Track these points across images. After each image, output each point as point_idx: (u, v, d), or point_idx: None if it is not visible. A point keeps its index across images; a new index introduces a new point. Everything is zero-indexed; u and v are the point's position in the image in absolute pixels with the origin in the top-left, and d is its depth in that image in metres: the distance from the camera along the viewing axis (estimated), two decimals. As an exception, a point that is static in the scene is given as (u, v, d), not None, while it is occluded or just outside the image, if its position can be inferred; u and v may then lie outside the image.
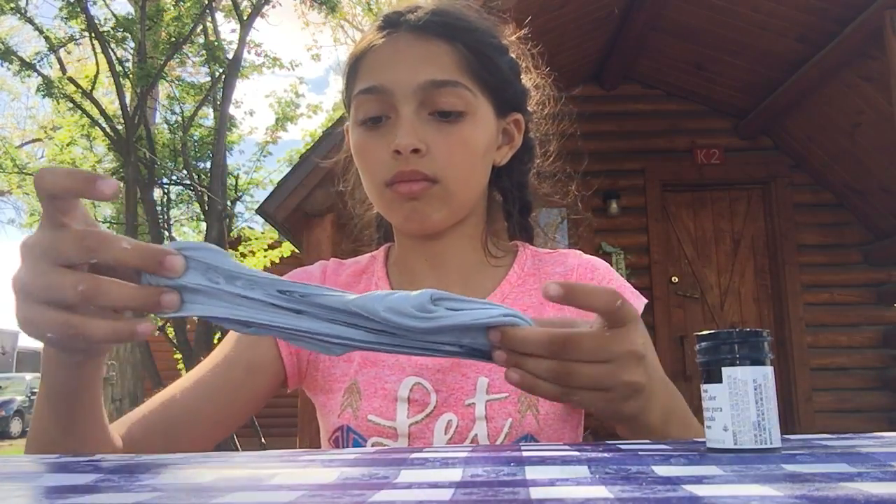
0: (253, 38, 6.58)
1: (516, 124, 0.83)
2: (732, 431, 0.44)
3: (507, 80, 0.80)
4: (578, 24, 4.56)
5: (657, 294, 5.06)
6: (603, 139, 5.18)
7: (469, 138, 0.75)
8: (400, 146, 0.71)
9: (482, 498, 0.29)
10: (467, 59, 0.76)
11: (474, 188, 0.79)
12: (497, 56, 0.79)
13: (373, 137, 0.75)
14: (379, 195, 0.77)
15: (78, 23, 5.61)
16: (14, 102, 33.41)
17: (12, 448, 11.59)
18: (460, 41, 0.76)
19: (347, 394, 0.77)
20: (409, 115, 0.73)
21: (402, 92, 0.73)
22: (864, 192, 4.90)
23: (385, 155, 0.73)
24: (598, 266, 0.84)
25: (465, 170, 0.76)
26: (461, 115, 0.74)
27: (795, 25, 4.19)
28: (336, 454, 0.48)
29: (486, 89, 0.77)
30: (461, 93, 0.74)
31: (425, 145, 0.72)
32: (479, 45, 0.77)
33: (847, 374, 4.97)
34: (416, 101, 0.73)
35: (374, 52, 0.77)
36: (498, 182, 0.85)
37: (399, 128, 0.73)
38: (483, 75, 0.77)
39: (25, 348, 27.72)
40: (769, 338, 0.46)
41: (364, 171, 0.78)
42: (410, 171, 0.72)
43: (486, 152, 0.79)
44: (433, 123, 0.74)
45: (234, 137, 7.31)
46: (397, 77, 0.74)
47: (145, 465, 0.43)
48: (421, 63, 0.74)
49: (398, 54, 0.75)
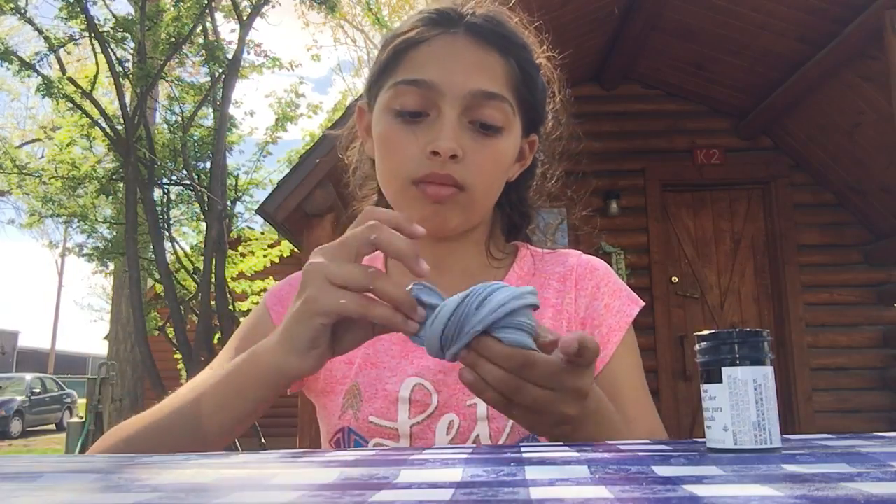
0: (253, 38, 6.58)
1: (531, 145, 0.84)
2: (732, 431, 0.44)
3: (539, 102, 0.82)
4: (578, 23, 4.56)
5: (657, 294, 5.06)
6: (603, 139, 5.18)
7: (501, 153, 0.76)
8: (441, 149, 0.71)
9: (482, 498, 0.29)
10: (516, 76, 0.76)
11: (492, 200, 0.80)
12: (537, 76, 0.80)
13: (407, 131, 0.74)
14: (401, 190, 0.75)
15: (78, 23, 5.61)
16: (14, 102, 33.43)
17: (12, 448, 11.59)
18: (514, 57, 0.76)
19: (348, 395, 0.77)
20: (453, 119, 0.72)
21: (452, 94, 0.73)
22: (864, 192, 4.90)
23: (418, 152, 0.72)
24: (597, 267, 0.84)
25: (491, 182, 0.77)
26: (500, 130, 0.75)
27: (795, 25, 4.19)
28: (336, 454, 0.48)
29: (522, 108, 0.78)
30: (505, 108, 0.75)
31: (462, 152, 0.72)
32: (527, 65, 0.78)
33: (847, 374, 4.97)
34: (462, 106, 0.73)
35: (428, 45, 0.75)
36: (504, 195, 0.85)
37: (441, 130, 0.72)
38: (524, 94, 0.77)
39: (25, 348, 27.72)
40: (769, 338, 0.46)
41: (390, 162, 0.76)
42: (444, 175, 0.72)
43: (510, 167, 0.80)
44: (471, 132, 0.74)
45: (234, 137, 7.30)
46: (449, 78, 0.73)
47: (145, 465, 0.43)
48: (475, 70, 0.74)
49: (454, 55, 0.74)
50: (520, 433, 0.72)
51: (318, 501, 0.29)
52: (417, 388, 0.75)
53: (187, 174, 6.32)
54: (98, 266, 8.68)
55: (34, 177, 8.17)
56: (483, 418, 0.72)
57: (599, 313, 0.80)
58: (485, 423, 0.72)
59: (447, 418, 0.73)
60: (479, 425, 0.72)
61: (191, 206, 7.43)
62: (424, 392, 0.75)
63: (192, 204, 7.17)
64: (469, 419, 0.73)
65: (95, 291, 20.71)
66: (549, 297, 0.81)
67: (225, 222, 6.07)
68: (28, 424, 14.04)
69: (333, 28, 14.62)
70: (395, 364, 0.77)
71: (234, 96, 6.24)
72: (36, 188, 8.34)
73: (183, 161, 6.28)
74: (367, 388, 0.76)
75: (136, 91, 5.80)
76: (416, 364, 0.76)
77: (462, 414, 0.73)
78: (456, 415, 0.73)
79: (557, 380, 0.55)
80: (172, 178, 6.68)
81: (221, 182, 6.00)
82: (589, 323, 0.80)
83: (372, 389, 0.76)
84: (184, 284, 6.55)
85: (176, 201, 7.13)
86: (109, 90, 7.40)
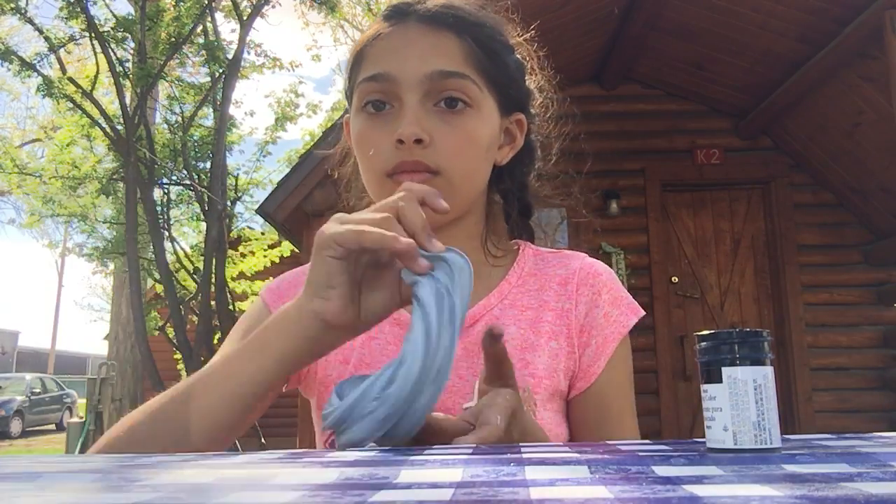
0: (253, 39, 6.59)
1: (519, 124, 0.82)
2: (732, 431, 0.44)
3: (512, 79, 0.80)
4: (578, 24, 4.56)
5: (657, 294, 5.06)
6: (603, 139, 5.17)
7: (473, 131, 0.74)
8: (403, 135, 0.70)
9: (482, 498, 0.29)
10: (475, 53, 0.75)
11: (476, 183, 0.78)
12: (504, 53, 0.79)
13: (375, 126, 0.74)
14: (379, 186, 0.75)
15: (78, 23, 5.61)
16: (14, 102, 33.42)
17: (12, 448, 11.59)
18: (469, 34, 0.75)
19: None
20: (413, 105, 0.72)
21: (409, 81, 0.72)
22: (864, 192, 4.90)
23: (387, 144, 0.72)
24: (600, 272, 0.82)
25: (468, 163, 0.75)
26: (466, 107, 0.73)
27: (795, 25, 4.19)
28: (336, 454, 0.48)
29: (492, 85, 0.76)
30: (467, 85, 0.73)
31: (429, 136, 0.71)
32: (487, 41, 0.76)
33: (847, 374, 4.97)
34: (421, 91, 0.72)
35: (381, 39, 0.75)
36: (499, 183, 0.84)
37: (403, 117, 0.71)
38: (490, 71, 0.76)
39: (25, 348, 27.71)
40: (769, 338, 0.46)
41: (364, 160, 0.76)
42: (413, 162, 0.71)
43: (489, 148, 0.77)
44: (438, 115, 0.73)
45: (234, 137, 7.31)
46: (404, 65, 0.73)
47: (145, 465, 0.43)
48: (429, 53, 0.73)
49: (406, 43, 0.74)
50: None
51: (318, 501, 0.29)
52: None
53: (187, 174, 6.32)
54: (98, 266, 8.69)
55: (34, 177, 8.17)
56: None
57: (598, 322, 0.79)
58: None
59: None
60: None
61: (191, 206, 7.44)
62: None
63: (192, 204, 7.18)
64: None
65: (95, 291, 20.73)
66: (549, 300, 0.80)
67: (225, 222, 6.07)
68: (28, 424, 14.05)
69: (333, 28, 14.62)
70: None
71: (234, 96, 6.25)
72: (36, 188, 8.35)
73: (183, 161, 6.28)
74: None
75: (136, 91, 5.80)
76: None
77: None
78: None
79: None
80: (172, 178, 6.68)
81: (221, 182, 6.00)
82: (587, 331, 0.79)
83: None
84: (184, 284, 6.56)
85: (176, 201, 7.14)
86: (109, 90, 7.40)
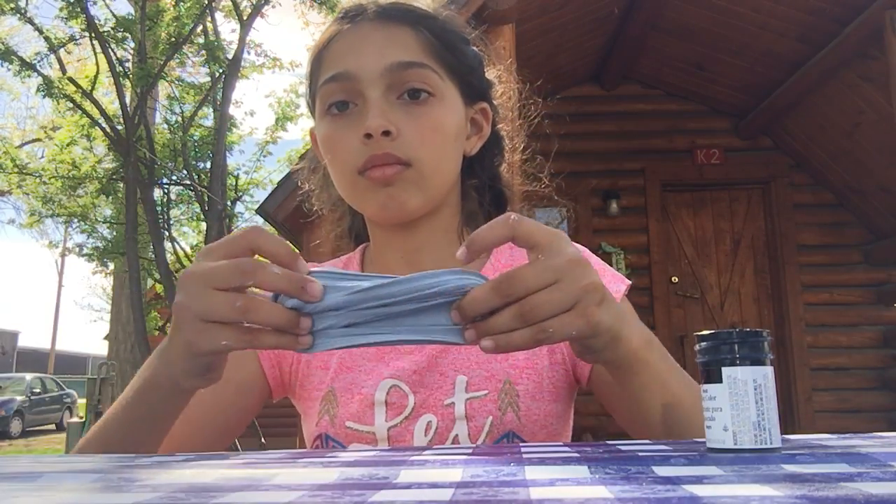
0: (253, 39, 6.58)
1: (483, 114, 0.82)
2: (732, 431, 0.44)
3: (472, 67, 0.80)
4: (578, 23, 4.56)
5: (657, 294, 5.06)
6: (603, 139, 5.18)
7: (439, 120, 0.74)
8: (370, 128, 0.69)
9: (482, 498, 0.29)
10: (432, 43, 0.75)
11: (447, 173, 0.77)
12: (461, 44, 0.79)
13: (341, 126, 0.73)
14: (351, 185, 0.74)
15: (78, 23, 5.61)
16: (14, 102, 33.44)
17: (12, 448, 11.59)
18: (424, 26, 0.75)
19: (324, 401, 0.76)
20: (377, 99, 0.71)
21: (369, 76, 0.72)
22: (864, 192, 4.90)
23: (355, 142, 0.71)
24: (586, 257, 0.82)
25: (437, 152, 0.74)
26: (429, 96, 0.73)
27: (795, 25, 4.19)
28: (336, 454, 0.48)
29: (453, 74, 0.76)
30: (427, 74, 0.73)
31: (396, 128, 0.70)
32: (443, 32, 0.76)
33: (847, 374, 4.97)
34: (383, 85, 0.72)
35: (337, 40, 0.75)
36: (470, 174, 0.83)
37: (368, 111, 0.71)
38: (449, 59, 0.76)
39: (25, 348, 27.72)
40: (769, 338, 0.46)
41: (334, 162, 0.75)
42: (383, 155, 0.70)
43: (457, 137, 0.77)
44: (402, 107, 0.72)
45: (234, 137, 7.32)
46: (363, 62, 0.72)
47: (145, 465, 0.43)
48: (386, 46, 0.73)
49: (362, 39, 0.74)
50: (499, 431, 0.71)
51: (318, 501, 0.29)
52: (393, 390, 0.73)
53: (187, 174, 6.33)
54: (98, 266, 8.68)
55: (34, 177, 8.16)
56: (461, 417, 0.71)
57: None
58: (463, 423, 0.71)
59: (425, 419, 0.72)
60: (457, 425, 0.71)
61: (191, 206, 7.45)
62: (400, 394, 0.73)
63: (192, 204, 7.19)
64: (447, 419, 0.72)
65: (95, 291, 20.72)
66: None
67: (225, 222, 6.07)
68: (28, 424, 14.05)
69: (333, 28, 14.62)
70: (371, 367, 0.75)
71: (234, 96, 6.25)
72: (36, 188, 8.34)
73: (183, 161, 6.28)
74: (342, 393, 0.75)
75: (136, 91, 5.80)
76: (391, 366, 0.74)
77: (440, 414, 0.72)
78: (434, 415, 0.72)
79: (547, 267, 0.51)
80: (172, 178, 6.69)
81: (221, 182, 6.00)
82: None
83: (348, 394, 0.75)
84: (184, 284, 6.54)
85: (176, 201, 7.15)
86: (109, 90, 7.41)
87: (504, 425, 0.71)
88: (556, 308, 0.51)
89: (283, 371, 0.80)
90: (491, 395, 0.72)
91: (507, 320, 0.51)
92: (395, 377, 0.74)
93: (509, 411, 0.71)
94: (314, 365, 0.79)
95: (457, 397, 0.72)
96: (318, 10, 6.55)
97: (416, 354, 0.74)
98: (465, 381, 0.73)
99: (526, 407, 0.72)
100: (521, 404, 0.72)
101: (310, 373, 0.79)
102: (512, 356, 0.74)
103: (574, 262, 0.52)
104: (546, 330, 0.51)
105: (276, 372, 0.80)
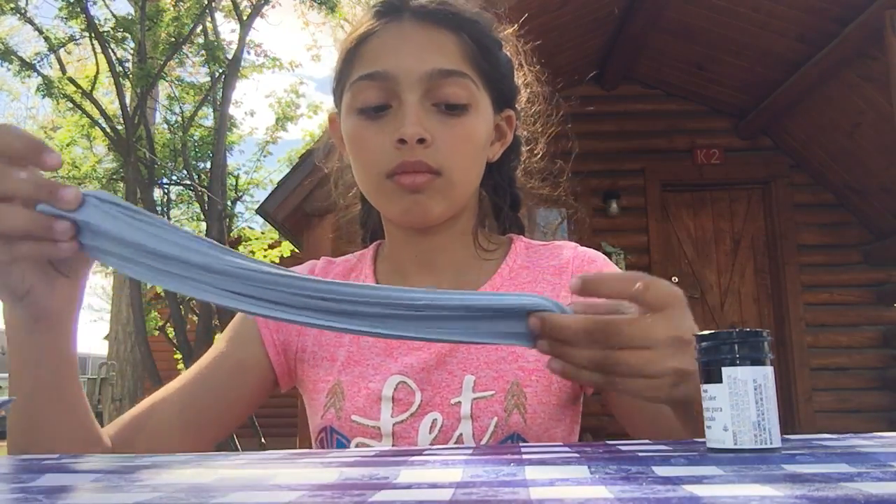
0: (253, 39, 6.58)
1: (508, 121, 0.82)
2: (732, 431, 0.44)
3: (504, 75, 0.80)
4: (578, 23, 4.56)
5: (657, 294, 5.06)
6: (603, 139, 5.18)
7: (472, 131, 0.74)
8: (406, 135, 0.69)
9: (482, 498, 0.29)
10: (472, 50, 0.74)
11: (473, 182, 0.78)
12: (497, 49, 0.78)
13: (372, 126, 0.72)
14: (377, 187, 0.74)
15: (78, 23, 5.61)
16: (14, 102, 33.43)
17: (12, 448, 11.59)
18: (465, 32, 0.74)
19: (331, 395, 0.75)
20: (414, 104, 0.71)
21: (408, 79, 0.71)
22: (864, 192, 4.90)
23: (387, 144, 0.71)
24: (595, 259, 0.82)
25: (467, 163, 0.74)
26: (465, 107, 0.73)
27: (795, 25, 4.19)
28: (336, 454, 0.48)
29: (487, 82, 0.76)
30: (466, 84, 0.73)
31: (430, 136, 0.70)
32: (482, 38, 0.76)
33: (847, 374, 4.97)
34: (421, 90, 0.71)
35: (377, 37, 0.74)
36: (488, 178, 0.83)
37: (404, 116, 0.70)
38: (485, 68, 0.75)
39: (25, 348, 27.59)
40: (769, 338, 0.46)
41: (361, 160, 0.75)
42: (415, 162, 0.70)
43: (485, 147, 0.77)
44: (437, 115, 0.72)
45: (234, 137, 7.31)
46: (403, 64, 0.71)
47: (145, 465, 0.43)
48: (428, 51, 0.72)
49: (404, 40, 0.73)
50: (504, 432, 0.71)
51: (318, 501, 0.29)
52: (401, 387, 0.73)
53: (187, 174, 6.32)
54: (98, 266, 8.67)
55: (34, 177, 8.14)
56: (467, 417, 0.71)
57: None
58: (468, 422, 0.71)
59: (430, 417, 0.72)
60: (462, 424, 0.71)
61: (191, 206, 7.44)
62: (408, 390, 0.73)
63: (192, 204, 7.18)
64: (452, 418, 0.71)
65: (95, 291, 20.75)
66: (544, 291, 0.79)
67: (225, 222, 6.07)
68: (28, 424, 14.05)
69: (333, 28, 14.62)
70: (379, 362, 0.75)
71: (234, 96, 6.25)
72: (36, 188, 8.32)
73: (183, 161, 6.28)
74: (349, 387, 0.75)
75: (136, 91, 5.80)
76: (400, 362, 0.74)
77: (446, 412, 0.72)
78: (440, 413, 0.72)
79: (648, 334, 0.51)
80: (172, 178, 6.69)
81: (221, 182, 6.00)
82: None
83: (355, 388, 0.74)
84: (184, 284, 6.54)
85: (176, 201, 7.14)
86: (109, 90, 7.40)
87: (509, 427, 0.71)
88: (635, 372, 0.52)
89: (290, 359, 0.80)
90: (497, 395, 0.72)
91: (585, 359, 0.52)
92: (403, 373, 0.74)
93: (515, 413, 0.71)
94: (321, 357, 0.78)
95: (464, 396, 0.72)
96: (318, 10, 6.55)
97: (424, 351, 0.74)
98: (473, 380, 0.72)
99: (532, 410, 0.72)
100: (528, 407, 0.72)
101: (316, 364, 0.79)
102: (522, 358, 0.74)
103: (676, 341, 0.52)
104: (619, 384, 0.52)
105: (282, 358, 0.79)
